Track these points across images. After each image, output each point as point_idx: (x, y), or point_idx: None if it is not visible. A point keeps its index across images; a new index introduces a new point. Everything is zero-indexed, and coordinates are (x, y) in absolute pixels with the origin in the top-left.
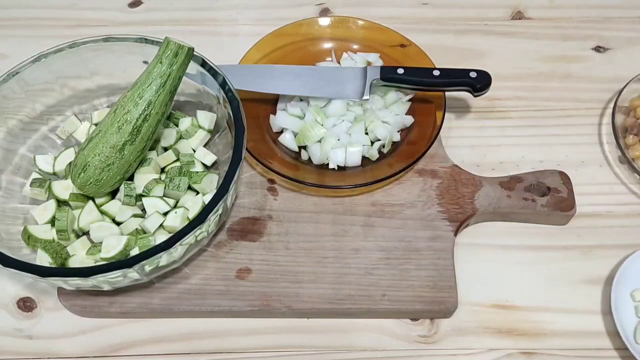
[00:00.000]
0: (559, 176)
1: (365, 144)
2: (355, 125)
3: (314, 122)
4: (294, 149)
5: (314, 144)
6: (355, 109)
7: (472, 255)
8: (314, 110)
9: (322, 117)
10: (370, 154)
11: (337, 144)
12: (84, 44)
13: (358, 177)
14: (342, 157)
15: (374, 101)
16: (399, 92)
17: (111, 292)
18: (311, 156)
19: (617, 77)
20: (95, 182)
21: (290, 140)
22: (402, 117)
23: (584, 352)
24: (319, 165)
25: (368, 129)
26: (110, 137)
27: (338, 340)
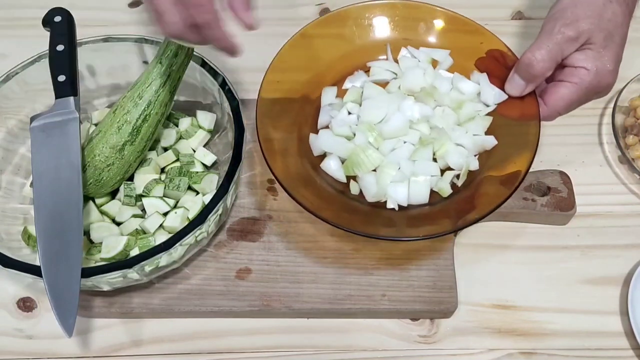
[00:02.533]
0: (559, 176)
1: (434, 175)
2: (421, 149)
3: (366, 145)
4: (341, 179)
5: (367, 174)
6: (420, 127)
7: (472, 255)
8: (366, 129)
9: (377, 137)
10: (439, 187)
11: (397, 176)
12: (84, 44)
13: (425, 220)
14: (404, 194)
15: (443, 115)
16: (477, 103)
17: (111, 292)
18: (364, 190)
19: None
20: (95, 182)
21: (337, 168)
22: (481, 139)
23: (584, 352)
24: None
25: (437, 155)
26: (110, 138)
27: (338, 340)
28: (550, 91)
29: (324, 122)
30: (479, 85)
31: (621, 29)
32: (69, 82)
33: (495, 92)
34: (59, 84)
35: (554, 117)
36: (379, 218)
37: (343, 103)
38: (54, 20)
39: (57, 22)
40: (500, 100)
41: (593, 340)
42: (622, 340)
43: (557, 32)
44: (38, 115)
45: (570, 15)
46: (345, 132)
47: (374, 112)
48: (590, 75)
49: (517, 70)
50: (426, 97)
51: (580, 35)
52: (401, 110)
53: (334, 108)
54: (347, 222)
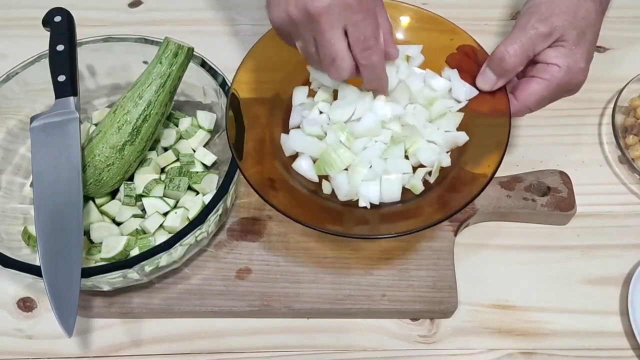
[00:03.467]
0: (559, 176)
1: (405, 172)
2: (393, 147)
3: (338, 145)
4: (313, 179)
5: (339, 174)
6: (392, 126)
7: (472, 255)
8: (337, 128)
9: (348, 136)
10: (412, 184)
11: (369, 174)
12: (84, 44)
13: (397, 217)
14: (376, 193)
15: (415, 113)
16: (448, 99)
17: (111, 292)
18: (336, 190)
19: (617, 77)
20: (95, 182)
21: (308, 168)
22: (453, 135)
23: (585, 352)
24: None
25: (409, 152)
26: (110, 138)
27: (338, 340)
28: (521, 87)
29: (295, 122)
30: (449, 81)
31: (594, 27)
32: (69, 82)
33: (466, 88)
34: (59, 84)
35: (524, 113)
36: (352, 217)
37: (314, 102)
38: (54, 20)
39: (57, 22)
40: (471, 96)
41: (593, 340)
42: (622, 340)
43: (530, 27)
44: (38, 115)
45: (544, 10)
46: (317, 132)
47: (344, 111)
48: (561, 72)
49: (488, 65)
50: (398, 94)
51: (554, 32)
52: (373, 110)
53: (305, 108)
54: (319, 222)
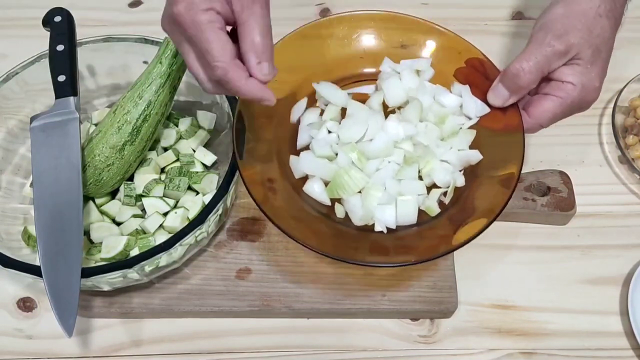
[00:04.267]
0: (559, 176)
1: (420, 193)
2: (406, 168)
3: (350, 166)
4: (326, 202)
5: (352, 197)
6: (404, 145)
7: (472, 255)
8: (349, 149)
9: (360, 157)
10: (427, 206)
11: (384, 197)
12: (84, 44)
13: (414, 241)
14: (392, 216)
15: (427, 131)
16: (459, 116)
17: (111, 292)
18: (350, 214)
19: (617, 77)
20: (95, 182)
21: (320, 191)
22: (465, 153)
23: (584, 352)
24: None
25: (422, 172)
26: (110, 138)
27: (338, 340)
28: (535, 104)
29: (303, 142)
30: (460, 97)
31: (608, 44)
32: (69, 82)
33: (477, 104)
34: (59, 84)
35: (536, 130)
36: (367, 242)
37: (322, 122)
38: (54, 20)
39: (57, 22)
40: (483, 114)
41: (593, 340)
42: (622, 340)
43: (546, 44)
44: (38, 115)
45: (560, 27)
46: (327, 153)
47: (354, 131)
48: (576, 91)
49: (502, 80)
50: (409, 112)
51: (570, 50)
52: (385, 130)
53: (314, 127)
54: (333, 250)
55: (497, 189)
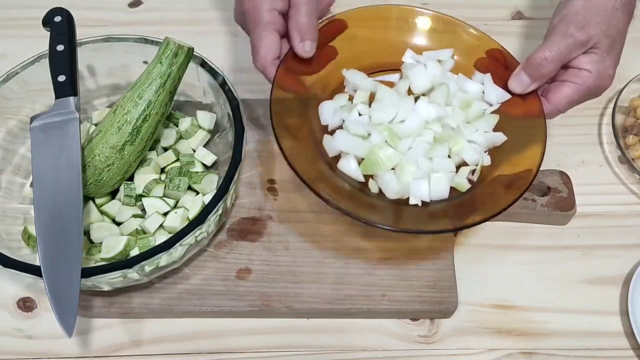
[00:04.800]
0: (559, 176)
1: (450, 171)
2: (437, 146)
3: (383, 144)
4: (360, 179)
5: (386, 173)
6: (434, 126)
7: (472, 255)
8: (382, 129)
9: (393, 137)
10: (457, 183)
11: (418, 173)
12: (84, 44)
13: (446, 214)
14: (426, 191)
15: (454, 114)
16: (482, 102)
17: (111, 292)
18: (384, 189)
19: (617, 77)
20: (95, 182)
21: (355, 168)
22: (491, 135)
23: (584, 352)
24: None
25: (452, 151)
26: (110, 138)
27: (338, 340)
28: (553, 90)
29: (333, 124)
30: (482, 85)
31: (622, 36)
32: (69, 82)
33: (498, 92)
34: (59, 84)
35: (555, 115)
36: (402, 214)
37: (353, 105)
38: (54, 20)
39: (57, 22)
40: (504, 100)
41: (593, 340)
42: (622, 340)
43: (569, 35)
44: (38, 115)
45: (582, 19)
46: (361, 132)
47: (386, 113)
48: (592, 78)
49: (524, 69)
50: (437, 96)
51: (590, 40)
52: (416, 111)
53: (344, 110)
54: (371, 217)
55: (522, 167)
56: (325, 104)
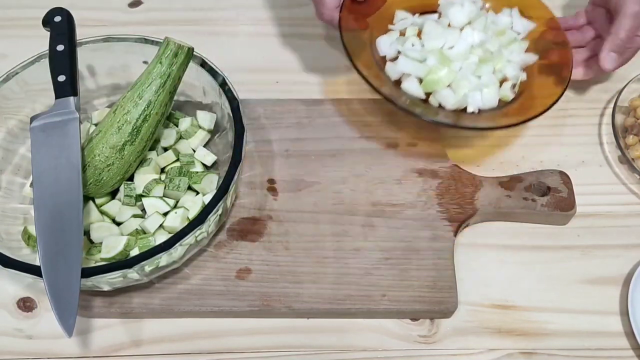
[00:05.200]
0: (559, 176)
1: (496, 85)
2: (483, 65)
3: (439, 66)
4: (421, 96)
5: (444, 89)
6: (477, 51)
7: (472, 255)
8: (437, 53)
9: (445, 59)
10: (502, 95)
11: (472, 86)
12: (84, 44)
13: (497, 117)
14: (479, 100)
15: (492, 41)
16: (512, 31)
17: (111, 292)
18: (443, 101)
19: (617, 77)
20: (95, 182)
21: (416, 87)
22: (525, 55)
23: (584, 352)
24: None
25: (495, 69)
26: (110, 138)
27: (338, 340)
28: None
29: (390, 54)
30: (510, 18)
31: None
32: (69, 82)
33: (524, 23)
34: (59, 84)
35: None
36: (461, 118)
37: (406, 37)
38: (54, 20)
39: (57, 22)
40: (530, 29)
41: (593, 340)
42: (622, 340)
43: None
44: (38, 115)
45: None
46: (418, 57)
47: (436, 41)
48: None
49: (610, 47)
50: (477, 24)
51: None
52: (463, 38)
53: (399, 42)
54: (437, 118)
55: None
56: (382, 38)
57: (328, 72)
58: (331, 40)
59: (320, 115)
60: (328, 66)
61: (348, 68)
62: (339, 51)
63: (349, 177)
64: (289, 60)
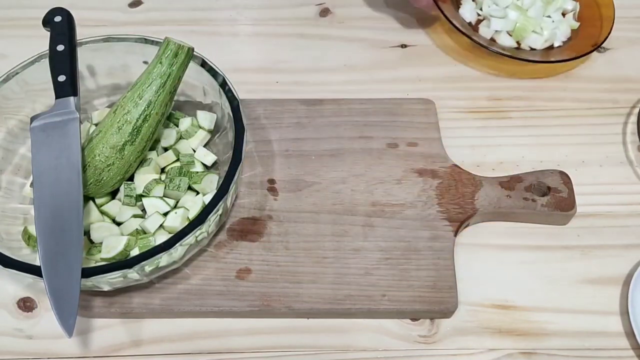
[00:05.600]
0: (559, 176)
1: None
2: (549, 7)
3: (520, 17)
4: (513, 45)
5: (531, 34)
6: None
7: (472, 255)
8: (515, 8)
9: (521, 10)
10: (571, 24)
11: (550, 27)
12: (84, 44)
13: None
14: (560, 34)
15: None
16: None
17: (111, 292)
18: (532, 44)
19: (617, 77)
20: (96, 182)
21: (509, 38)
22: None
23: (584, 352)
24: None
25: (557, 7)
26: (110, 138)
27: (338, 340)
28: None
29: (473, 18)
30: None
31: None
32: (69, 82)
33: None
34: (59, 84)
35: None
36: (550, 54)
37: (481, 2)
38: (54, 20)
39: (57, 22)
40: None
41: (593, 340)
42: (622, 340)
43: None
44: (38, 115)
45: None
46: (501, 14)
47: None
48: None
49: None
50: None
51: None
52: None
53: (475, 8)
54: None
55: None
56: (464, 7)
57: (328, 72)
58: (331, 40)
59: (320, 115)
60: (328, 66)
61: (348, 68)
62: (339, 51)
63: (348, 177)
64: (289, 60)
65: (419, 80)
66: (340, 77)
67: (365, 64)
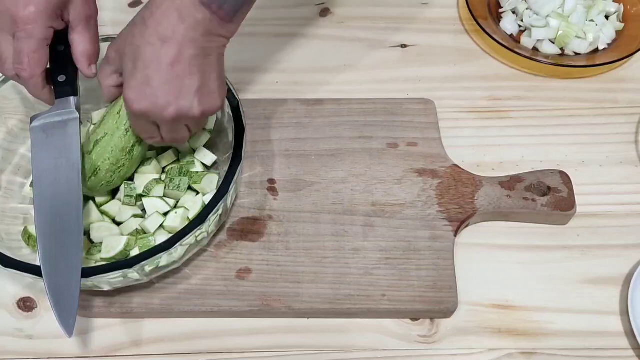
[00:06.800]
0: (559, 176)
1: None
2: (591, 11)
3: (562, 24)
4: (557, 52)
5: (574, 40)
6: (581, 2)
7: (472, 255)
8: (556, 16)
9: (562, 17)
10: (616, 26)
11: (593, 31)
12: None
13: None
14: (604, 37)
15: None
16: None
17: (111, 292)
18: (576, 49)
19: (617, 77)
20: (107, 183)
21: (552, 46)
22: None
23: (584, 352)
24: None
25: (600, 11)
26: (119, 141)
27: (338, 340)
28: None
29: (515, 30)
30: None
31: None
32: (69, 82)
33: None
34: (59, 84)
35: None
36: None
37: (522, 14)
38: None
39: None
40: None
41: (593, 340)
42: (622, 340)
43: None
44: (38, 115)
45: None
46: (542, 24)
47: (548, 5)
48: None
49: None
50: None
51: None
52: None
53: (517, 19)
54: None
55: None
56: (505, 20)
57: (328, 72)
58: (331, 40)
59: (320, 115)
60: (328, 66)
61: (348, 68)
62: (339, 51)
63: (348, 177)
64: (289, 60)
65: (419, 80)
66: (340, 77)
67: (365, 64)
